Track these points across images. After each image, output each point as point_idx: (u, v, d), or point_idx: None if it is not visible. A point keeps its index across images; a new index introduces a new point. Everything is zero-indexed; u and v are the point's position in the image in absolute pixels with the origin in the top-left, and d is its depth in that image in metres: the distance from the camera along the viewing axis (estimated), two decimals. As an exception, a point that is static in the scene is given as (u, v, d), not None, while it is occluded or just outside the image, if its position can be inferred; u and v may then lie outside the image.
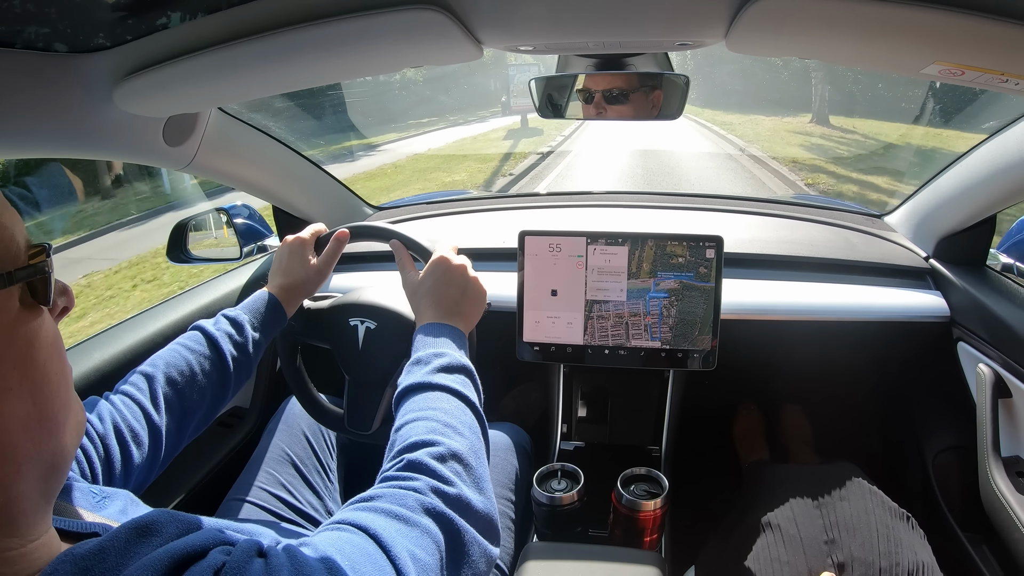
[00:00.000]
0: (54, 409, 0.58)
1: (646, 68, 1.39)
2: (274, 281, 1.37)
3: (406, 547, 0.70)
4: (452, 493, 0.81)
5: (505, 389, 2.50)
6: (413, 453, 0.85)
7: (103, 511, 0.75)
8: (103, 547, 0.54)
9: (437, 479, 0.82)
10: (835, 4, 0.82)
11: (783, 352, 2.03)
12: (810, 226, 2.13)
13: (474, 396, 1.02)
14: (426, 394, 0.99)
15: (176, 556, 0.55)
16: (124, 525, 0.58)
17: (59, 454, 0.59)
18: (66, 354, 0.62)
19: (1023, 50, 0.83)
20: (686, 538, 1.66)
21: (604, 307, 1.69)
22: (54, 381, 0.58)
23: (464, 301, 1.22)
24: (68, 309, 0.66)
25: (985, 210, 1.68)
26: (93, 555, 0.53)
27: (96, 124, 1.23)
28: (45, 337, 0.57)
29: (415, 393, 0.99)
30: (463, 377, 1.04)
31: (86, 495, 0.76)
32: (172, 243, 1.95)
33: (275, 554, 0.61)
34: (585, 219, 2.27)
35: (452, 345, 1.10)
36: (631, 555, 1.28)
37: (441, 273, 1.23)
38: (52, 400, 0.57)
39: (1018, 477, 1.47)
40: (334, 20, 0.95)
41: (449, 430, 0.91)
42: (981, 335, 1.63)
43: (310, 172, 2.06)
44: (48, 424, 0.57)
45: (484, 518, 0.84)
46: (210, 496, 1.62)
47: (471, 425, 0.96)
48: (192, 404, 1.13)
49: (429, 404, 0.96)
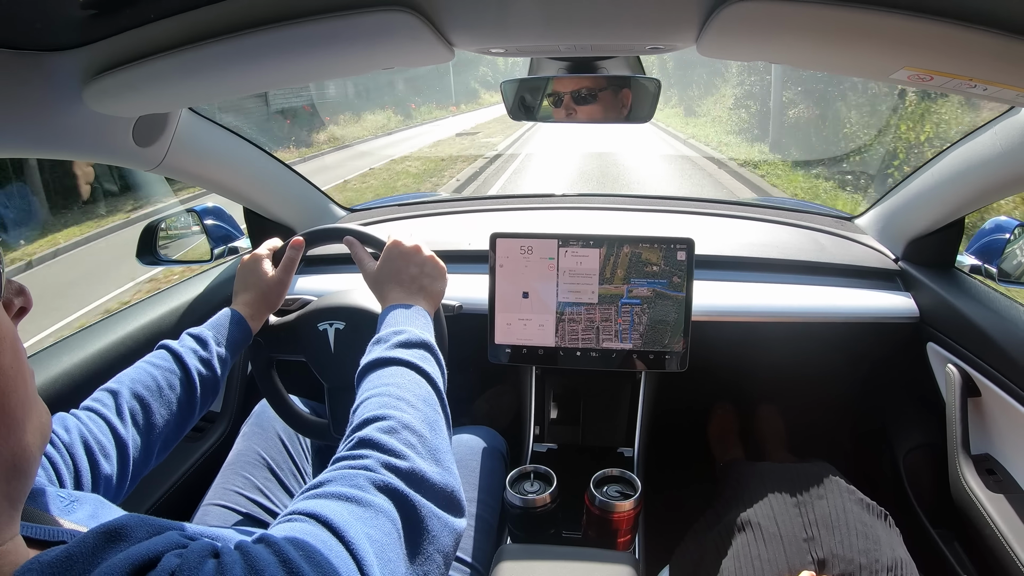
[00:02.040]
0: (10, 405, 0.55)
1: (618, 71, 1.40)
2: (237, 298, 1.39)
3: (361, 530, 0.68)
4: (404, 467, 0.79)
5: (478, 392, 2.49)
6: (363, 430, 0.83)
7: (72, 515, 0.73)
8: (70, 553, 0.53)
9: (388, 453, 0.80)
10: (805, 9, 0.83)
11: (756, 353, 2.05)
12: (781, 228, 2.15)
13: (433, 369, 1.01)
14: (382, 370, 0.98)
15: (136, 562, 0.53)
16: (93, 530, 0.56)
17: (20, 454, 0.56)
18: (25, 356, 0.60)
19: (991, 56, 0.85)
20: (660, 538, 1.66)
21: (576, 309, 1.69)
22: (9, 376, 0.55)
23: (423, 277, 1.24)
24: (26, 310, 0.64)
25: (954, 213, 1.70)
26: (60, 562, 0.52)
27: (65, 123, 1.21)
28: None
29: (372, 371, 0.98)
30: (422, 351, 1.03)
31: (54, 500, 0.74)
32: (142, 245, 1.93)
33: (227, 552, 0.59)
34: (557, 222, 2.28)
35: (412, 322, 1.09)
36: (605, 556, 1.28)
37: (397, 256, 1.24)
38: (7, 396, 0.55)
39: (987, 474, 1.49)
40: (305, 21, 0.95)
41: (401, 403, 0.89)
42: (950, 335, 1.65)
43: (281, 174, 2.05)
44: (5, 421, 0.55)
45: (442, 490, 0.82)
46: (184, 501, 1.61)
47: (425, 397, 0.94)
48: (159, 419, 1.13)
49: (383, 380, 0.95)
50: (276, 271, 1.41)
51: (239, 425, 1.65)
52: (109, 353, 1.54)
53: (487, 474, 1.60)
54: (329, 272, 2.05)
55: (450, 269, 1.30)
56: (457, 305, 1.60)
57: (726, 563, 1.32)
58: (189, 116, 1.55)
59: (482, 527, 1.48)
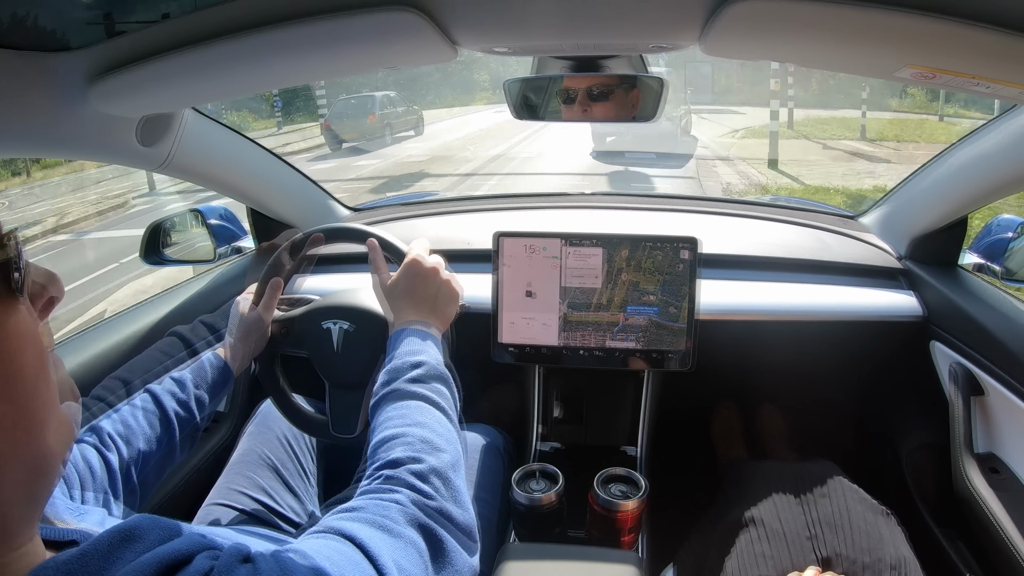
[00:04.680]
0: (32, 407, 0.53)
1: (622, 70, 1.39)
2: (224, 341, 1.43)
3: (391, 556, 0.71)
4: (433, 506, 0.83)
5: (481, 390, 2.49)
6: (395, 470, 0.87)
7: (82, 522, 0.74)
8: (85, 553, 0.53)
9: (419, 493, 0.84)
10: (809, 8, 0.83)
11: (759, 352, 2.04)
12: (785, 227, 2.14)
13: (450, 405, 1.04)
14: (404, 403, 1.00)
15: (163, 561, 0.54)
16: (107, 531, 0.57)
17: (42, 456, 0.55)
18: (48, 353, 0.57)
19: (994, 54, 0.85)
20: (664, 537, 1.66)
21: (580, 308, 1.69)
22: (29, 375, 0.53)
23: (439, 300, 1.25)
24: (56, 300, 0.61)
25: (958, 211, 1.70)
26: (76, 560, 0.52)
27: (70, 124, 1.21)
28: (16, 327, 0.53)
29: (392, 401, 1.01)
30: (439, 385, 1.06)
31: (65, 508, 0.75)
32: (146, 245, 1.93)
33: (262, 559, 0.60)
34: (561, 221, 2.27)
35: (428, 349, 1.11)
36: (609, 555, 1.29)
37: (415, 274, 1.24)
38: (28, 397, 0.53)
39: (992, 473, 1.48)
40: (309, 20, 0.95)
41: (428, 447, 0.92)
42: (954, 334, 1.65)
43: (285, 173, 2.05)
44: (25, 422, 0.53)
45: (465, 529, 0.86)
46: (188, 501, 1.61)
47: (448, 437, 0.97)
48: (139, 456, 1.15)
49: (408, 417, 0.97)
50: (255, 309, 1.44)
51: (243, 425, 1.65)
52: (115, 352, 1.55)
53: (489, 472, 1.60)
54: (332, 272, 2.05)
55: (454, 268, 1.30)
56: (461, 304, 1.60)
57: (729, 561, 1.32)
58: (193, 116, 1.55)
59: (484, 526, 1.47)
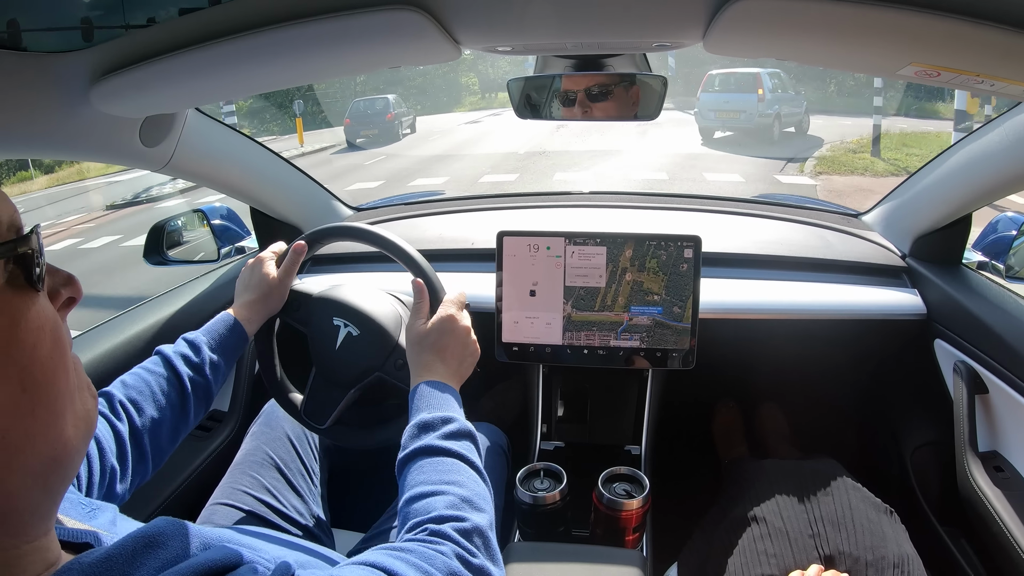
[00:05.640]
0: (49, 398, 0.55)
1: (625, 69, 1.40)
2: (237, 301, 1.42)
3: None
4: (476, 563, 0.85)
5: (483, 389, 2.49)
6: (439, 525, 0.89)
7: (93, 522, 0.74)
8: (110, 556, 0.55)
9: (463, 550, 0.86)
10: (812, 6, 0.83)
11: (762, 350, 2.04)
12: (788, 225, 2.14)
13: (480, 463, 1.06)
14: (439, 459, 1.02)
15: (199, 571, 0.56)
16: (131, 535, 0.58)
17: (59, 446, 0.56)
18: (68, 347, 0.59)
19: (998, 51, 0.85)
20: (668, 536, 1.66)
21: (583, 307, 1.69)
22: (47, 367, 0.55)
23: (464, 362, 1.28)
24: (75, 300, 0.63)
25: (961, 209, 1.70)
26: (101, 563, 0.54)
27: (72, 124, 1.22)
28: (35, 319, 0.55)
29: (427, 456, 1.03)
30: (470, 443, 1.08)
31: (75, 506, 0.75)
32: (149, 245, 1.93)
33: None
34: (564, 219, 2.27)
35: (455, 407, 1.15)
36: (613, 554, 1.28)
37: (449, 331, 1.27)
38: (46, 388, 0.55)
39: (995, 471, 1.48)
40: (312, 20, 0.95)
41: (468, 506, 0.94)
42: (957, 332, 1.65)
43: (287, 173, 2.05)
44: (42, 411, 0.54)
45: None
46: (192, 500, 1.61)
47: (485, 497, 0.99)
48: (152, 424, 1.15)
49: (446, 475, 0.99)
50: (277, 273, 1.44)
51: (247, 424, 1.65)
52: (116, 352, 1.55)
53: (491, 471, 1.59)
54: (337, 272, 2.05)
55: (457, 268, 1.31)
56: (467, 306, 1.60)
57: (732, 560, 1.32)
58: (195, 116, 1.55)
59: None
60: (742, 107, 15.03)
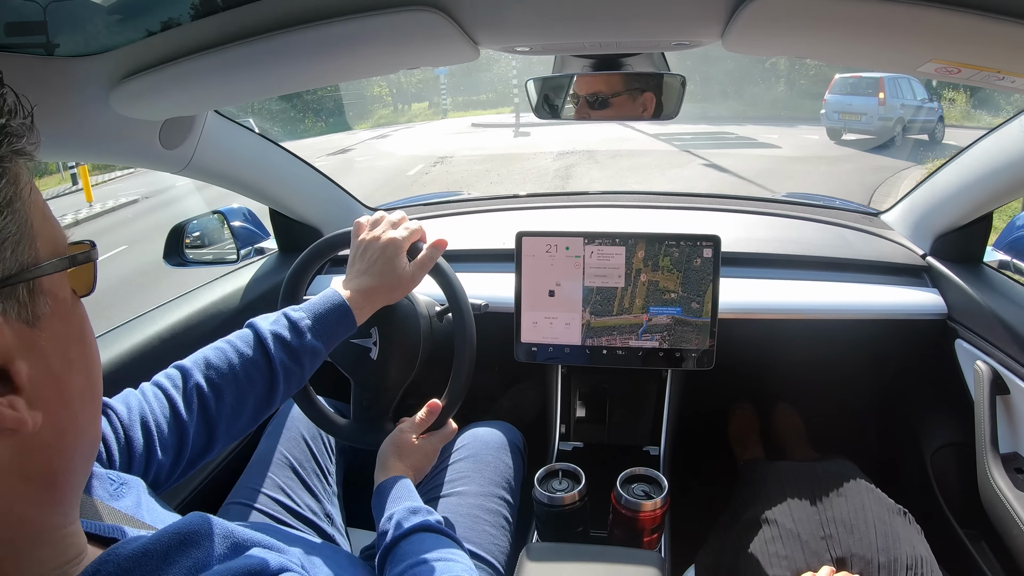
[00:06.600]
0: (99, 387, 0.61)
1: (643, 68, 1.40)
2: (354, 281, 1.26)
3: None
4: None
5: (502, 389, 2.49)
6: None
7: (118, 501, 0.75)
8: (147, 551, 0.57)
9: None
10: (831, 3, 0.83)
11: (780, 351, 2.03)
12: (807, 224, 2.13)
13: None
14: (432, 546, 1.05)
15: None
16: (166, 531, 0.61)
17: (99, 431, 0.63)
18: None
19: (1019, 47, 0.84)
20: (686, 537, 1.66)
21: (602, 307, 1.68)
22: (97, 359, 0.61)
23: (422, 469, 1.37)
24: None
25: (982, 207, 1.69)
26: (137, 557, 0.56)
27: (93, 127, 1.23)
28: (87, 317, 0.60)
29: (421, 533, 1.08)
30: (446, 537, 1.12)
31: (103, 481, 0.76)
32: (169, 246, 1.95)
33: None
34: (582, 219, 2.27)
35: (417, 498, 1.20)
36: (631, 555, 1.28)
37: (419, 450, 1.35)
38: (99, 376, 0.61)
39: (1016, 473, 1.47)
40: (331, 22, 0.96)
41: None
42: (979, 332, 1.64)
43: (306, 174, 2.06)
44: (97, 400, 0.60)
45: None
46: (208, 499, 1.62)
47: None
48: (229, 410, 1.08)
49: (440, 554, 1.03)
50: (410, 267, 1.29)
51: (264, 425, 1.66)
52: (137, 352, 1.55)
53: (504, 470, 1.59)
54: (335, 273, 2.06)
55: (476, 268, 1.31)
56: (483, 304, 1.59)
57: (744, 562, 1.32)
58: (214, 118, 1.56)
59: (500, 523, 1.48)
60: (863, 110, 15.03)
